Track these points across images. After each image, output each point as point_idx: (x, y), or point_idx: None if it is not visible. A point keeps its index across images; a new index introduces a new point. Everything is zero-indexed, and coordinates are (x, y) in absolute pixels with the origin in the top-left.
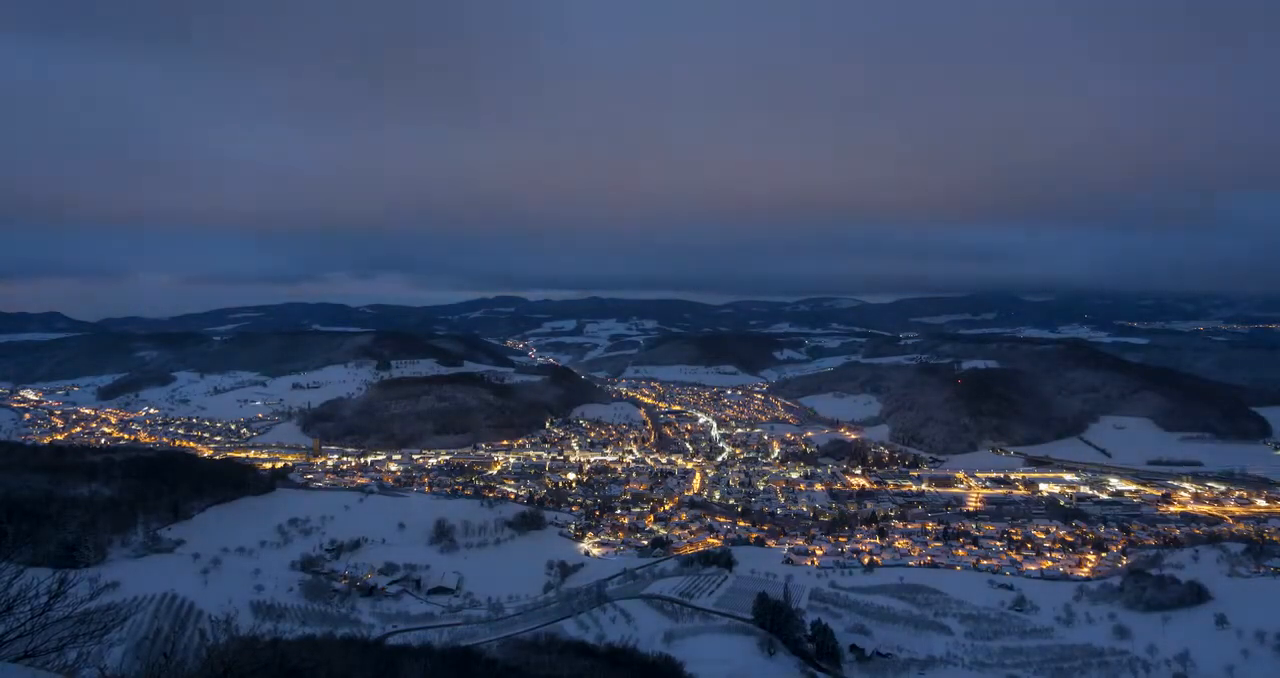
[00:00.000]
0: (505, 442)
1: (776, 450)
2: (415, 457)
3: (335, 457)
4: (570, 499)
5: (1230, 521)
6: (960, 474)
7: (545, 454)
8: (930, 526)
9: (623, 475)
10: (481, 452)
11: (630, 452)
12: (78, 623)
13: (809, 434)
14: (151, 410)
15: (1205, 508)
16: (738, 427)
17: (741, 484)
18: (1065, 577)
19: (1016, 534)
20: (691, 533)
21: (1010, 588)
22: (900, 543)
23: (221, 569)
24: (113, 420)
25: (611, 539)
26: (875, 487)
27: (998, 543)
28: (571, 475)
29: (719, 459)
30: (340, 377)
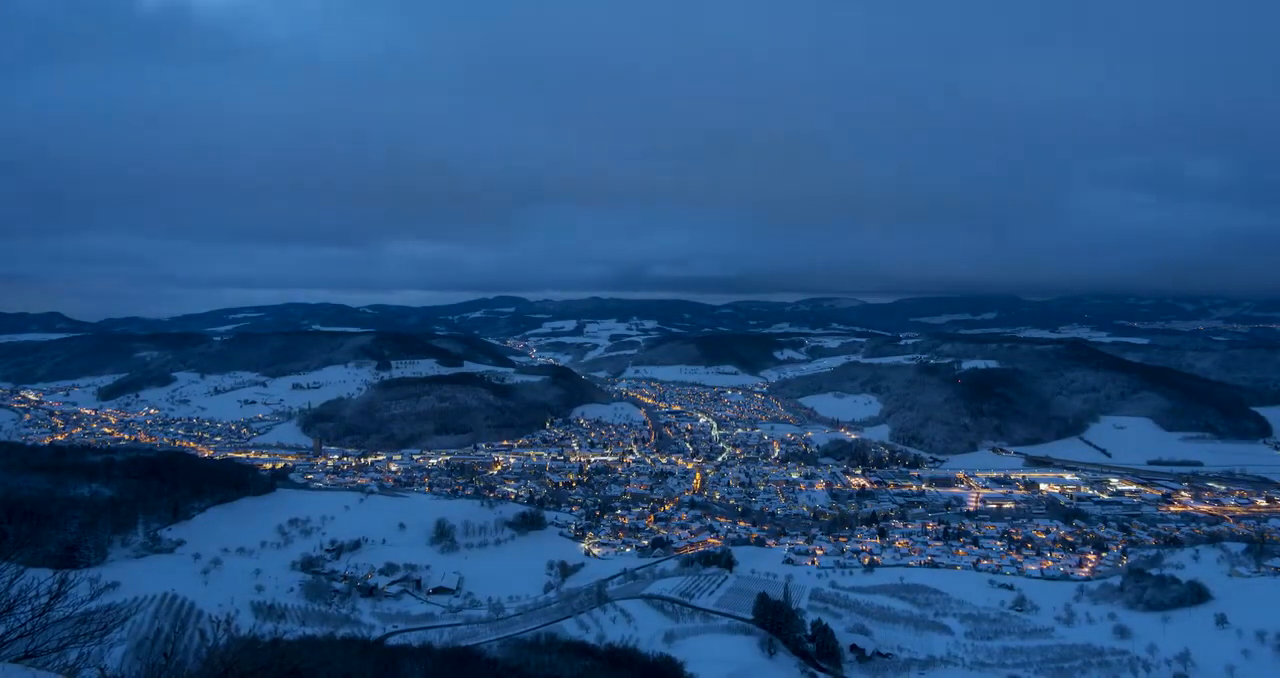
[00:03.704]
0: (505, 442)
1: (776, 451)
2: (415, 457)
3: (335, 457)
4: (570, 500)
5: (1230, 520)
6: (960, 474)
7: (545, 454)
8: (930, 526)
9: (623, 476)
10: (482, 452)
11: (630, 452)
12: (78, 623)
13: (809, 434)
14: (151, 411)
15: (1205, 508)
16: (738, 427)
17: (741, 484)
18: (1065, 577)
19: (1016, 534)
20: (692, 533)
21: (1010, 588)
22: (900, 543)
23: (222, 569)
24: (113, 421)
25: (612, 540)
26: (875, 487)
27: (998, 543)
28: (572, 476)
29: (719, 459)
30: (340, 377)
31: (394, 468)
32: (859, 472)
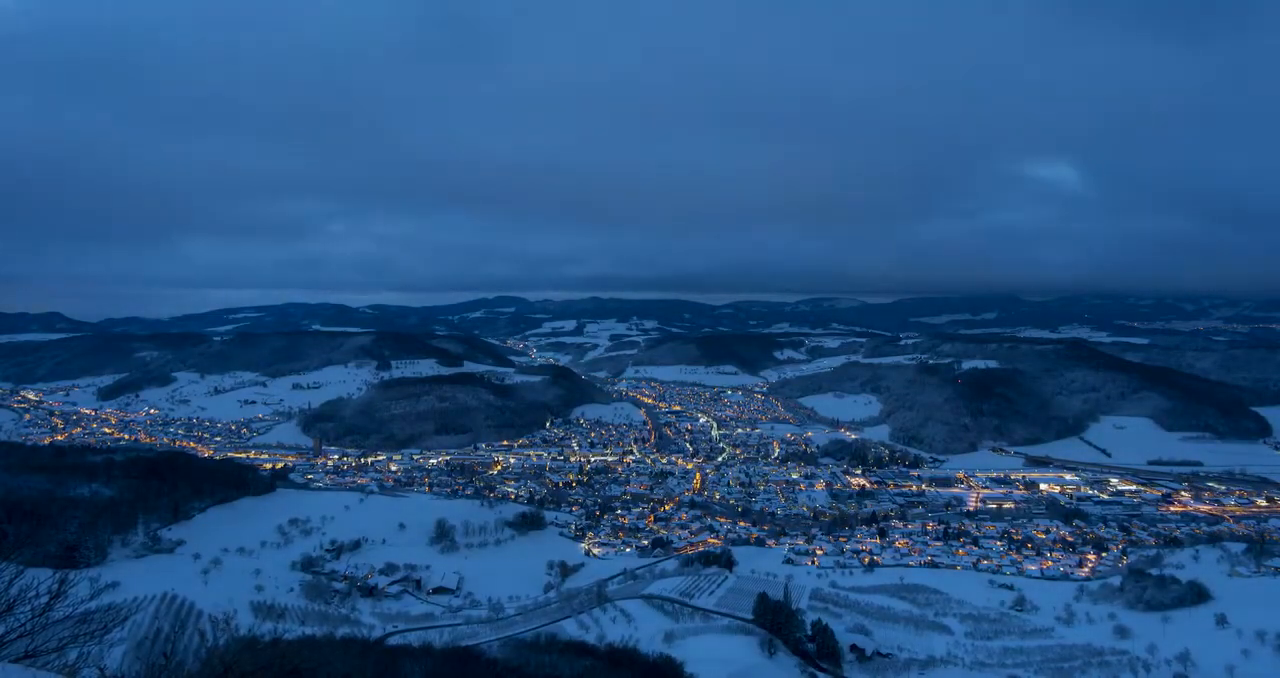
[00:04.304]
0: (505, 442)
1: (776, 451)
2: (415, 457)
3: (335, 457)
4: (570, 500)
5: (1230, 520)
6: (960, 474)
7: (545, 454)
8: (930, 526)
9: (623, 476)
10: (482, 452)
11: (630, 452)
12: (78, 623)
13: (809, 434)
14: (151, 411)
15: (1205, 508)
16: (738, 427)
17: (742, 484)
18: (1065, 577)
19: (1016, 534)
20: (692, 533)
21: (1010, 588)
22: (900, 543)
23: (222, 569)
24: (113, 421)
25: (612, 540)
26: (875, 487)
27: (998, 543)
28: (572, 476)
29: (719, 459)
30: (340, 377)
31: (394, 468)
32: (859, 472)
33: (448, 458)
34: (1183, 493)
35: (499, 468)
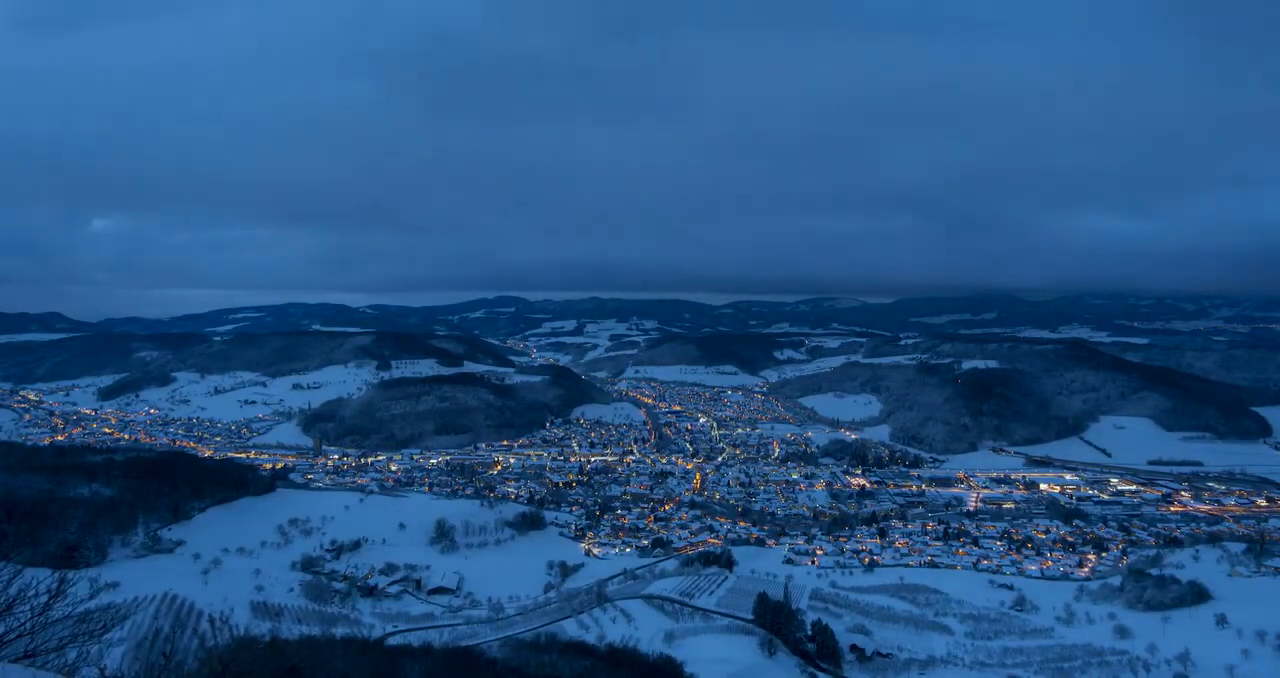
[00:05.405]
0: (505, 442)
1: (777, 451)
2: (416, 457)
3: (335, 457)
4: (570, 500)
5: (1230, 520)
6: (960, 474)
7: (545, 454)
8: (930, 526)
9: (623, 476)
10: (482, 452)
11: (630, 452)
12: (78, 623)
13: (809, 434)
14: (152, 411)
15: (1205, 508)
16: (738, 427)
17: (742, 484)
18: (1065, 577)
19: (1016, 534)
20: (692, 533)
21: (1010, 588)
22: (900, 543)
23: (222, 569)
24: (112, 421)
25: (612, 540)
26: (875, 487)
27: (998, 543)
28: (572, 476)
29: (719, 459)
30: (340, 377)
31: (394, 468)
32: (859, 472)
33: (448, 458)
34: (1183, 493)
35: (499, 468)
